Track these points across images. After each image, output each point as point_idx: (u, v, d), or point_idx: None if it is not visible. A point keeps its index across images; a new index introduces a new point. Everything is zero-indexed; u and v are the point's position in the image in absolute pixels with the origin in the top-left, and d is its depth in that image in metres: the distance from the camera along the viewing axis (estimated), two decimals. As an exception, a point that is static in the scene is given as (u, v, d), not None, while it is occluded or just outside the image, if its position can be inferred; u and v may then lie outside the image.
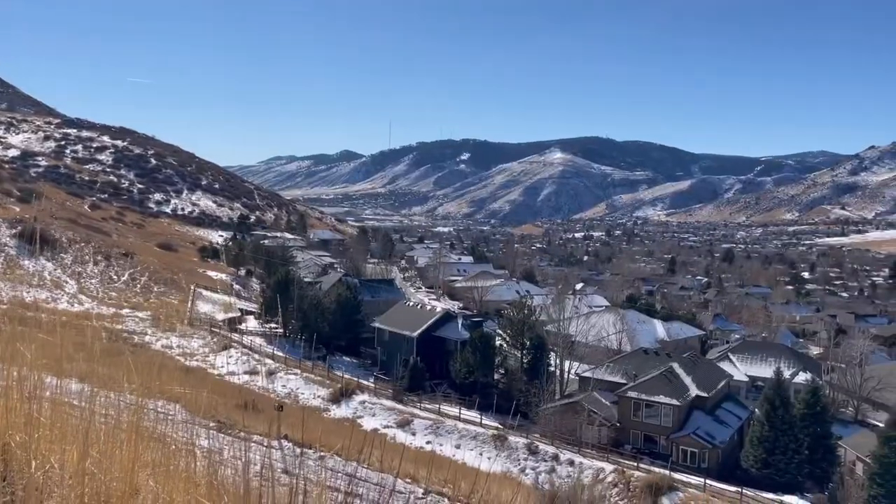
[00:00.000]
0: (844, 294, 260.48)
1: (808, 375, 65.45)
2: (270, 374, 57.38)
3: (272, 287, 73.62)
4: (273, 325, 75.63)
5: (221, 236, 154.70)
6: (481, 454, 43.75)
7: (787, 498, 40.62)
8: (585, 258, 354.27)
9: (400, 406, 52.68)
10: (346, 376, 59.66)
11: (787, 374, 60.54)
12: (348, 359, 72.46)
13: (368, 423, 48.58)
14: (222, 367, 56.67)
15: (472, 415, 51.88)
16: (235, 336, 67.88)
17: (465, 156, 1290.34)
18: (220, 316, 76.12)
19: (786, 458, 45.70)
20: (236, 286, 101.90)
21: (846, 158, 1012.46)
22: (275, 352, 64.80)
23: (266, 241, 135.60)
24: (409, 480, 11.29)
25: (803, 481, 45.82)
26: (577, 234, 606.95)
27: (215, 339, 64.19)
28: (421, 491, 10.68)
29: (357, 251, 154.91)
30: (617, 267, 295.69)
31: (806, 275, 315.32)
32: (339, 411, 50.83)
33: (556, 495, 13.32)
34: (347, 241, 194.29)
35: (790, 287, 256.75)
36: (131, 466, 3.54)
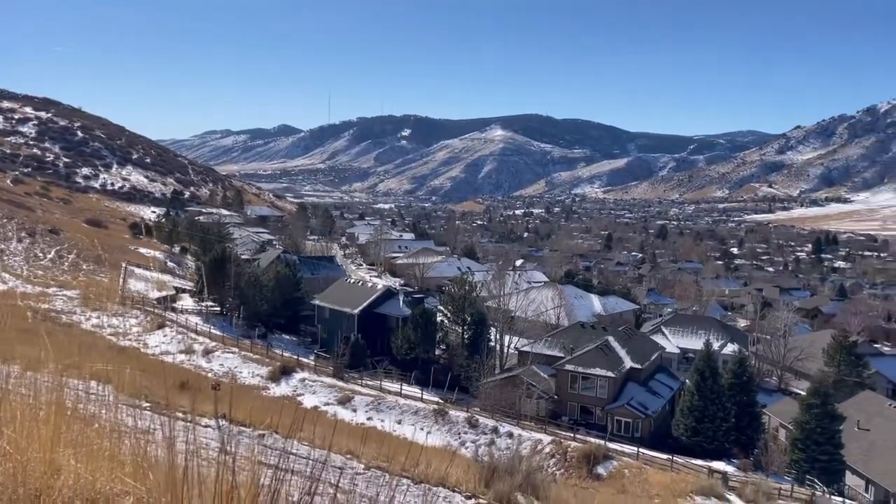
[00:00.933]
0: (770, 269, 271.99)
1: (736, 347, 68.32)
2: (207, 353, 56.23)
3: (208, 265, 71.87)
4: (209, 303, 74.05)
5: (154, 212, 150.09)
6: (422, 429, 44.09)
7: (714, 464, 42.42)
8: (525, 235, 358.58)
9: (341, 383, 52.50)
10: (286, 354, 59.01)
11: (716, 345, 62.97)
12: (288, 337, 71.65)
13: (309, 401, 48.27)
14: (156, 346, 55.25)
15: (414, 390, 52.19)
16: (170, 315, 66.13)
17: (406, 132, 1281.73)
18: (154, 294, 74.02)
19: (714, 426, 47.67)
20: (170, 263, 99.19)
21: (774, 138, 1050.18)
22: (211, 330, 63.47)
23: (201, 218, 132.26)
24: (348, 456, 11.26)
25: (730, 448, 47.95)
26: (517, 211, 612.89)
27: (149, 318, 62.37)
28: (361, 466, 10.67)
29: (296, 228, 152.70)
30: (556, 243, 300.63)
31: (735, 250, 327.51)
32: (279, 389, 50.32)
33: (495, 467, 13.49)
34: (286, 218, 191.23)
35: (720, 262, 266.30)
36: (51, 446, 3.40)
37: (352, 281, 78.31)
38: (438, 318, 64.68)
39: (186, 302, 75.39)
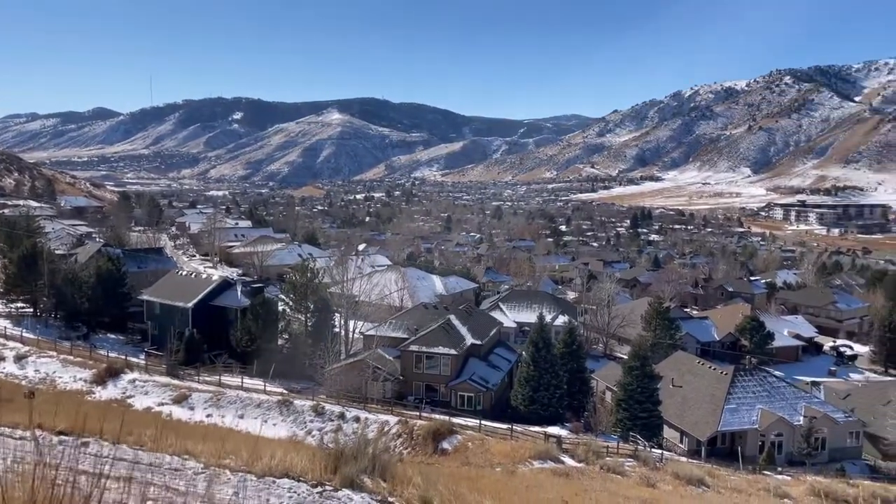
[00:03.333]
0: (595, 244, 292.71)
1: (567, 318, 72.97)
2: (20, 358, 51.07)
3: (16, 262, 64.98)
4: (20, 304, 67.18)
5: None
6: (266, 421, 43.04)
7: (550, 429, 45.22)
8: (367, 219, 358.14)
9: (176, 381, 49.80)
10: (113, 355, 54.94)
11: (548, 318, 66.81)
12: (114, 336, 66.67)
13: (141, 403, 45.41)
14: (-43, 356, 49.34)
15: (256, 383, 50.68)
16: (-28, 320, 59.16)
17: (238, 115, 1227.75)
18: (-49, 298, 65.83)
19: (549, 394, 50.76)
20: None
21: (594, 121, 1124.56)
22: (24, 334, 57.67)
23: (6, 211, 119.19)
24: (185, 456, 10.81)
25: (564, 413, 51.33)
26: (358, 196, 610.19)
27: (-55, 326, 55.47)
28: (200, 465, 10.30)
29: (119, 218, 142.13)
30: (397, 227, 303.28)
31: (563, 228, 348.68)
32: (106, 393, 46.83)
33: (341, 452, 13.50)
34: (107, 208, 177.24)
35: (550, 240, 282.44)
36: None
37: (184, 273, 74.19)
38: (280, 307, 63.14)
39: (-9, 305, 67.80)
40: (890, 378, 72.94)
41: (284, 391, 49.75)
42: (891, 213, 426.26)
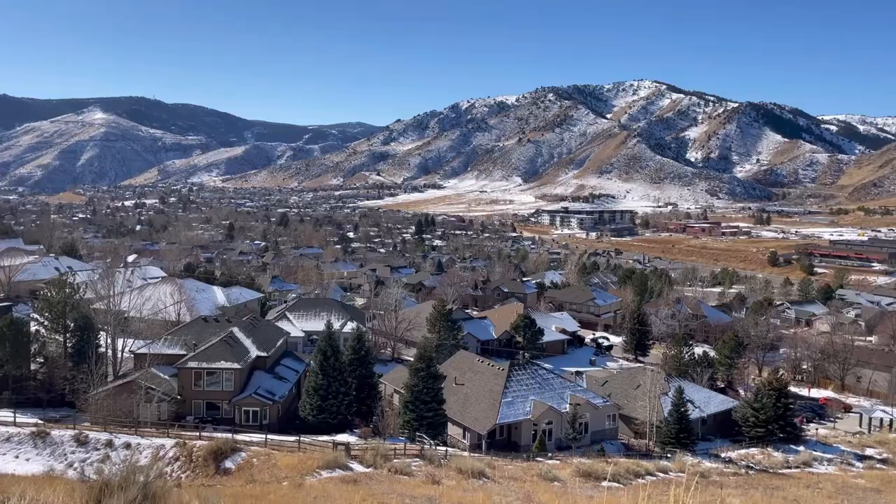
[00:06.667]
0: (382, 250, 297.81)
1: (355, 324, 73.30)
2: None
3: None
4: None
5: None
6: (17, 457, 38.01)
7: (339, 436, 45.05)
8: (138, 228, 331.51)
9: None
10: None
11: (336, 325, 66.72)
12: None
13: None
14: None
15: (5, 414, 44.48)
16: None
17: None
18: None
19: (338, 402, 50.55)
20: None
21: (379, 130, 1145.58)
22: None
23: None
24: None
25: (352, 419, 51.43)
26: (127, 202, 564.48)
27: None
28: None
29: None
30: (173, 235, 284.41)
31: (351, 234, 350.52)
32: None
33: (105, 484, 12.38)
34: None
35: (338, 246, 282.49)
36: None
37: None
38: (33, 328, 56.17)
39: None
40: (639, 364, 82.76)
41: (39, 421, 44.26)
42: (637, 217, 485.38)
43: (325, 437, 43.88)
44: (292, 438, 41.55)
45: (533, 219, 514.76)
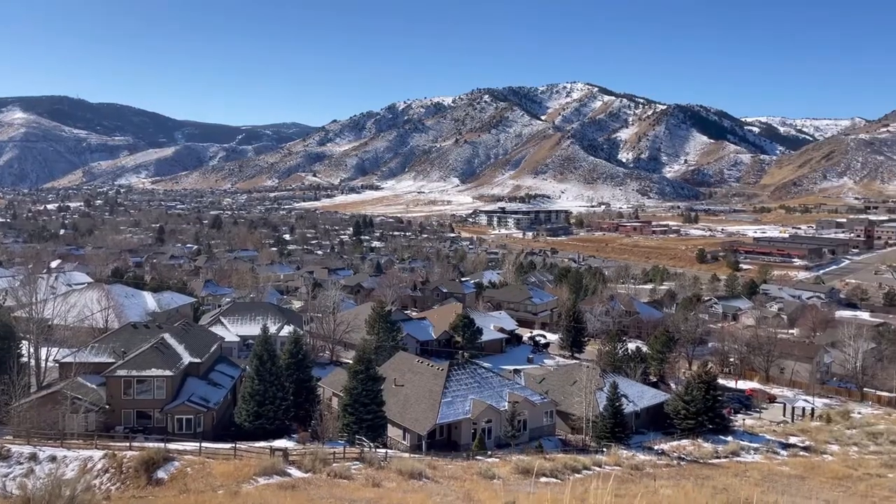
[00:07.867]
0: (319, 252, 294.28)
1: (292, 328, 72.15)
2: None
3: None
4: None
5: None
6: (-70, 477, 35.88)
7: (276, 442, 44.28)
8: (62, 232, 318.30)
9: None
10: None
11: (273, 329, 65.57)
12: None
13: None
14: None
15: (-85, 432, 41.98)
16: None
17: None
18: None
19: (275, 407, 49.66)
20: None
21: (315, 130, 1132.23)
22: None
23: None
24: None
25: (290, 424, 50.62)
26: (50, 206, 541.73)
27: None
28: None
29: None
30: (100, 239, 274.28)
31: (287, 237, 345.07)
32: None
33: (29, 500, 11.89)
34: None
35: (274, 249, 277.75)
36: None
37: None
38: (-54, 339, 53.14)
39: None
40: (575, 361, 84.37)
41: (-45, 438, 41.94)
42: (572, 217, 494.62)
43: (262, 444, 43.08)
44: (228, 446, 40.61)
45: (471, 219, 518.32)
